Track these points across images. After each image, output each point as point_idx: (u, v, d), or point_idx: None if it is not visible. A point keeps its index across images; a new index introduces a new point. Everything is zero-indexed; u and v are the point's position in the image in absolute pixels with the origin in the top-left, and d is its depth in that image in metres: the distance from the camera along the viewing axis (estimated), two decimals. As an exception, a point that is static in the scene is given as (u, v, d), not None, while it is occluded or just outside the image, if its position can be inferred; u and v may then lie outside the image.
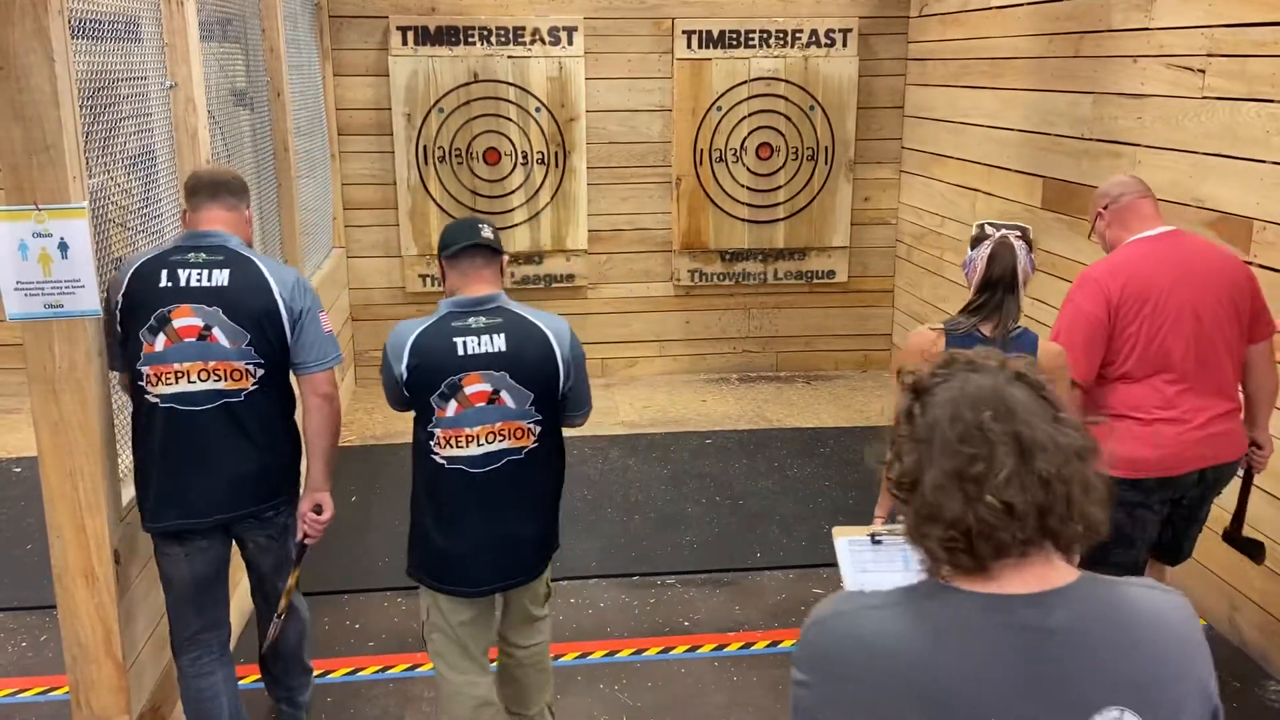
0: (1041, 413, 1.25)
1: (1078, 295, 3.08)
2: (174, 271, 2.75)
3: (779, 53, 6.70)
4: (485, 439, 2.68)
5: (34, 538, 4.59)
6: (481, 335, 2.65)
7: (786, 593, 4.31)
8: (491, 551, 2.75)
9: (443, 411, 2.66)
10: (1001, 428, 1.23)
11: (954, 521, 1.23)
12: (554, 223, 6.78)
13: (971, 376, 1.29)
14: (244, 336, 2.77)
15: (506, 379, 2.66)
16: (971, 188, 5.95)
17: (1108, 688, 1.20)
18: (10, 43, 2.46)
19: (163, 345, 2.72)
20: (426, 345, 2.66)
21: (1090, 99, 4.74)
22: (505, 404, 2.67)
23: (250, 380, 2.80)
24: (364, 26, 6.46)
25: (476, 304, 2.70)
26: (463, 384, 2.64)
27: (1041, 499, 1.22)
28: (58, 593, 2.80)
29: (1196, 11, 4.00)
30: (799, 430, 6.13)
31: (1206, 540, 3.93)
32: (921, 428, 1.29)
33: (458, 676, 2.83)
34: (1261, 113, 3.66)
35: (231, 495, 2.84)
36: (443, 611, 2.80)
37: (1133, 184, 3.19)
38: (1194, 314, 3.01)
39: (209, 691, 2.95)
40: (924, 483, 1.26)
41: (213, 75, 4.00)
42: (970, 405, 1.26)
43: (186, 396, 2.75)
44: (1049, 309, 5.01)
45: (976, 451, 1.23)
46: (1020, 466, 1.21)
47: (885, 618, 1.27)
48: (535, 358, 2.69)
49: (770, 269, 7.06)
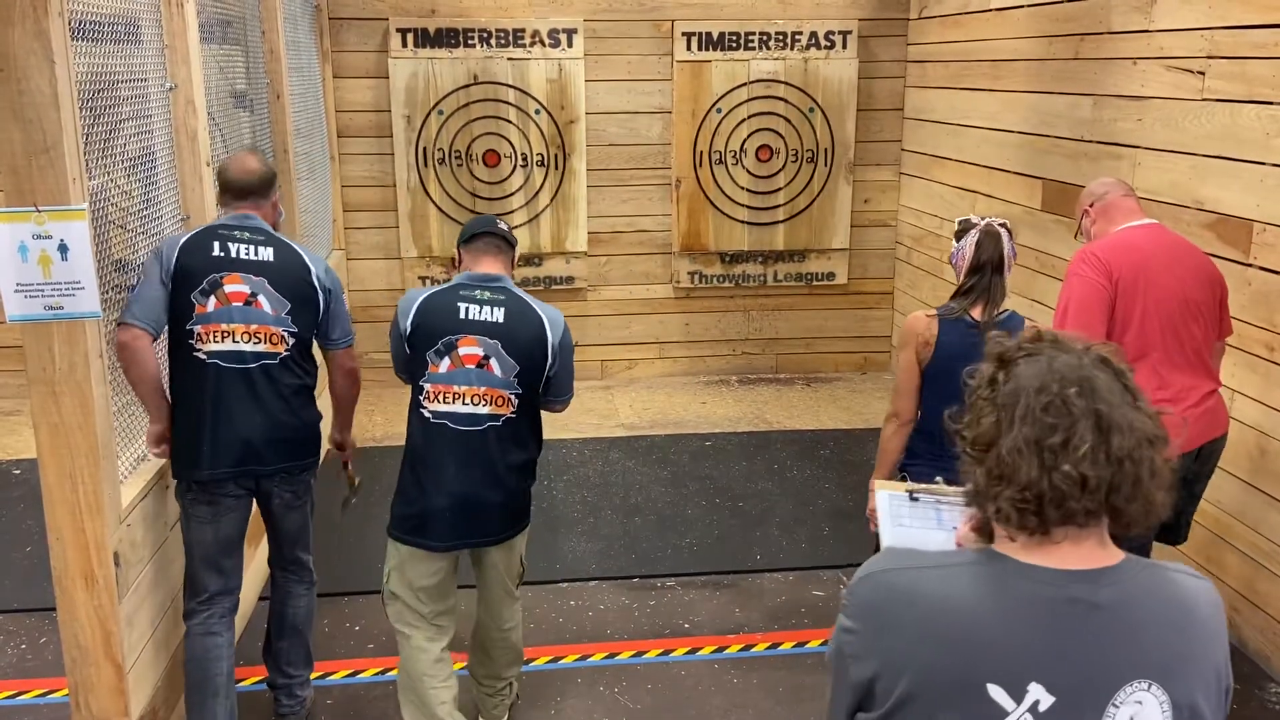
0: (1121, 396, 1.31)
1: (1082, 269, 3.18)
2: (225, 244, 3.06)
3: (779, 55, 6.71)
4: (470, 400, 2.93)
5: (33, 540, 4.58)
6: (484, 305, 2.93)
7: (786, 595, 4.30)
8: (461, 510, 2.95)
9: (436, 367, 2.92)
10: (1084, 404, 1.29)
11: (1028, 484, 1.29)
12: (554, 225, 6.78)
13: (1059, 355, 1.35)
14: (284, 305, 3.09)
15: (498, 348, 2.92)
16: (971, 190, 5.95)
17: (1140, 663, 1.28)
18: (10, 44, 2.46)
19: (213, 306, 3.02)
20: (432, 305, 2.95)
21: (1090, 101, 4.74)
22: (493, 371, 2.92)
23: (285, 346, 3.11)
24: (364, 29, 6.46)
25: (485, 280, 2.99)
26: (458, 344, 2.91)
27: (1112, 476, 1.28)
28: (57, 595, 2.80)
29: (1196, 14, 4.00)
30: (799, 432, 6.13)
31: (1207, 544, 3.93)
32: (1005, 394, 1.34)
33: (414, 634, 3.04)
34: (1261, 115, 3.66)
35: (270, 450, 3.10)
36: (405, 575, 3.01)
37: (1115, 184, 3.40)
38: (1181, 299, 3.17)
39: (214, 651, 3.11)
40: (1001, 445, 1.32)
41: (213, 77, 3.99)
42: (1057, 379, 1.31)
43: (233, 354, 3.04)
44: (1047, 310, 5.01)
45: (1058, 422, 1.29)
46: (1098, 442, 1.28)
47: (940, 577, 1.34)
48: (527, 336, 2.94)
49: (770, 271, 7.06)
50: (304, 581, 3.42)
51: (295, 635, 3.41)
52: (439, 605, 3.07)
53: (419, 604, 3.03)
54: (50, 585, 2.82)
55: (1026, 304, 5.17)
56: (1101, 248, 3.22)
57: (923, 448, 3.15)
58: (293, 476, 3.21)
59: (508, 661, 3.33)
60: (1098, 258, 3.17)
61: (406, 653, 3.08)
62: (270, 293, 3.07)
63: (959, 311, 3.04)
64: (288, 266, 3.12)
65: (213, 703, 3.09)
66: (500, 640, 3.27)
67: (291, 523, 3.30)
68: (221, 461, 3.06)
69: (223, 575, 3.15)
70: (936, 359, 3.05)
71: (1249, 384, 3.74)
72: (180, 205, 3.64)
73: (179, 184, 3.63)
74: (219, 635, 3.12)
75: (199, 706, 3.10)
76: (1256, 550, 3.72)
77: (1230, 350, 3.78)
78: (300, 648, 3.43)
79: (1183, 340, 3.18)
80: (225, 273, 3.02)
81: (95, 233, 2.77)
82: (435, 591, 3.04)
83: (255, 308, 3.05)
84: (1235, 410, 3.75)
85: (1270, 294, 3.63)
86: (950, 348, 3.02)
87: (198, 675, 3.10)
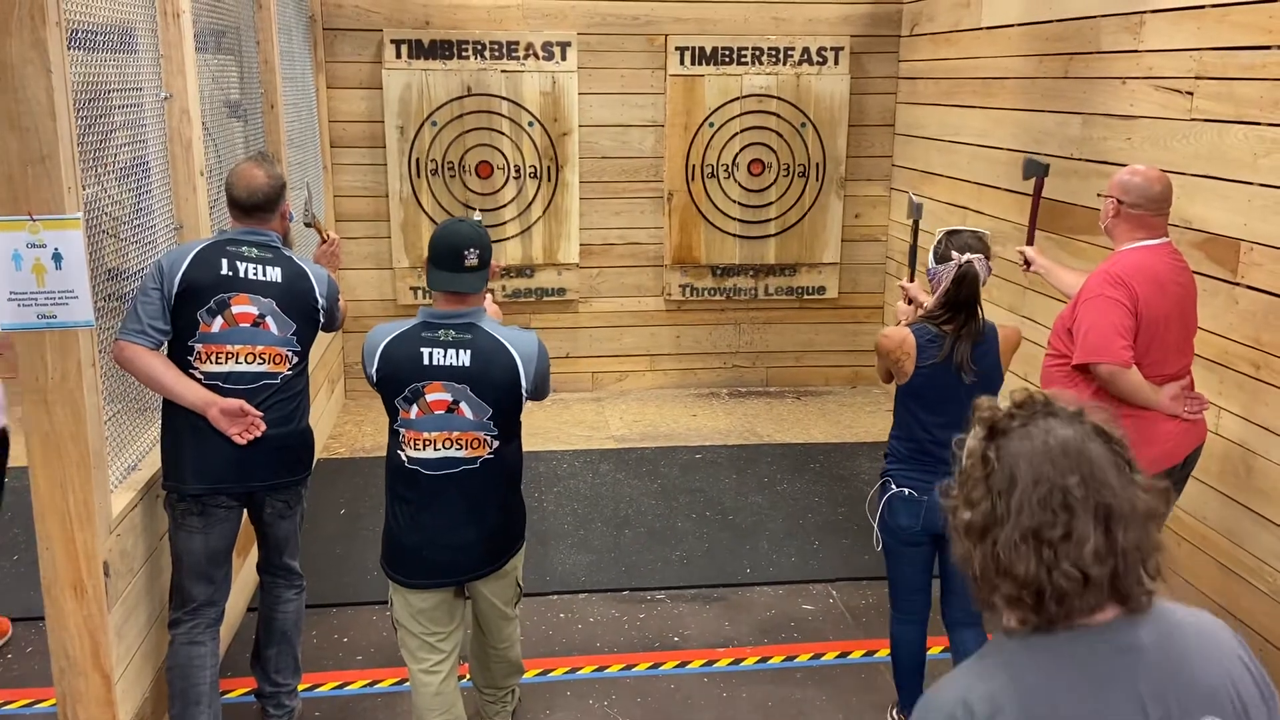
0: (1119, 474, 1.25)
1: (1110, 290, 3.23)
2: (233, 262, 3.07)
3: (771, 70, 6.74)
4: (442, 445, 2.84)
5: (20, 549, 4.56)
6: (448, 349, 2.80)
7: (776, 608, 4.31)
8: (441, 550, 2.92)
9: (406, 414, 2.85)
10: (1085, 494, 1.23)
11: (1026, 580, 1.23)
12: (546, 236, 6.80)
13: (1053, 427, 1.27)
14: (290, 326, 3.12)
15: (467, 392, 2.81)
16: (962, 206, 5.99)
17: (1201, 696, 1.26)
18: (7, 53, 2.46)
19: (219, 327, 3.03)
20: (395, 352, 2.83)
21: (1079, 119, 4.78)
22: (464, 414, 2.83)
23: (288, 365, 3.14)
24: (358, 39, 6.47)
25: (449, 318, 2.84)
26: (425, 391, 2.81)
27: (1115, 567, 1.23)
28: (46, 604, 2.79)
29: (1185, 35, 4.04)
30: (789, 446, 6.14)
31: (1201, 565, 3.95)
32: (999, 479, 1.27)
33: (415, 666, 3.04)
34: (1249, 135, 3.70)
35: (267, 465, 3.11)
36: (405, 601, 2.99)
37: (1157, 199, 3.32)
38: (1180, 318, 3.30)
39: (198, 660, 3.11)
40: (997, 536, 1.25)
41: (207, 87, 4.00)
42: (1054, 465, 1.24)
43: (233, 375, 3.05)
44: (1042, 329, 5.04)
45: (1057, 517, 1.23)
46: (1102, 539, 1.22)
47: (983, 674, 1.28)
48: (496, 376, 2.81)
49: (761, 284, 7.08)
50: (293, 586, 3.43)
51: (284, 641, 3.41)
52: (441, 629, 3.02)
53: (421, 628, 3.00)
54: (37, 594, 2.81)
55: (1017, 320, 5.19)
56: (1127, 272, 3.23)
57: (905, 453, 3.23)
58: (288, 489, 3.23)
59: (506, 674, 3.35)
60: (1124, 283, 3.21)
61: (411, 682, 3.09)
62: (278, 314, 3.09)
63: (933, 335, 3.13)
64: (295, 288, 3.13)
65: (194, 710, 3.08)
66: (497, 657, 3.28)
67: (282, 531, 3.31)
68: (215, 476, 3.05)
69: (211, 585, 3.15)
70: (919, 371, 3.12)
71: (1235, 401, 3.77)
72: (174, 214, 3.65)
73: (173, 193, 3.63)
74: (203, 645, 3.12)
75: (181, 715, 3.09)
76: (1240, 565, 3.74)
77: (1217, 368, 3.82)
78: (289, 655, 3.42)
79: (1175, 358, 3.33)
80: (234, 293, 3.03)
81: (89, 242, 2.76)
82: (435, 615, 3.00)
83: (263, 329, 3.07)
84: (1221, 427, 3.78)
85: (1257, 313, 3.66)
86: (930, 361, 3.12)
87: (181, 684, 3.09)
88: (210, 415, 3.00)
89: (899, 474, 3.23)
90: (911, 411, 3.19)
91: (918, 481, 3.19)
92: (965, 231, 3.19)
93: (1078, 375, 3.30)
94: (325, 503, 5.14)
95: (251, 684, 3.50)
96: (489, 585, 3.05)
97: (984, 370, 3.13)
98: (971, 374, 3.10)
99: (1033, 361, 4.69)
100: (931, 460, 3.17)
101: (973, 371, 3.10)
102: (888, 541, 3.28)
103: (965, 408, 3.11)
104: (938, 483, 3.09)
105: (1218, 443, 3.75)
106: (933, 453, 3.17)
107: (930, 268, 3.17)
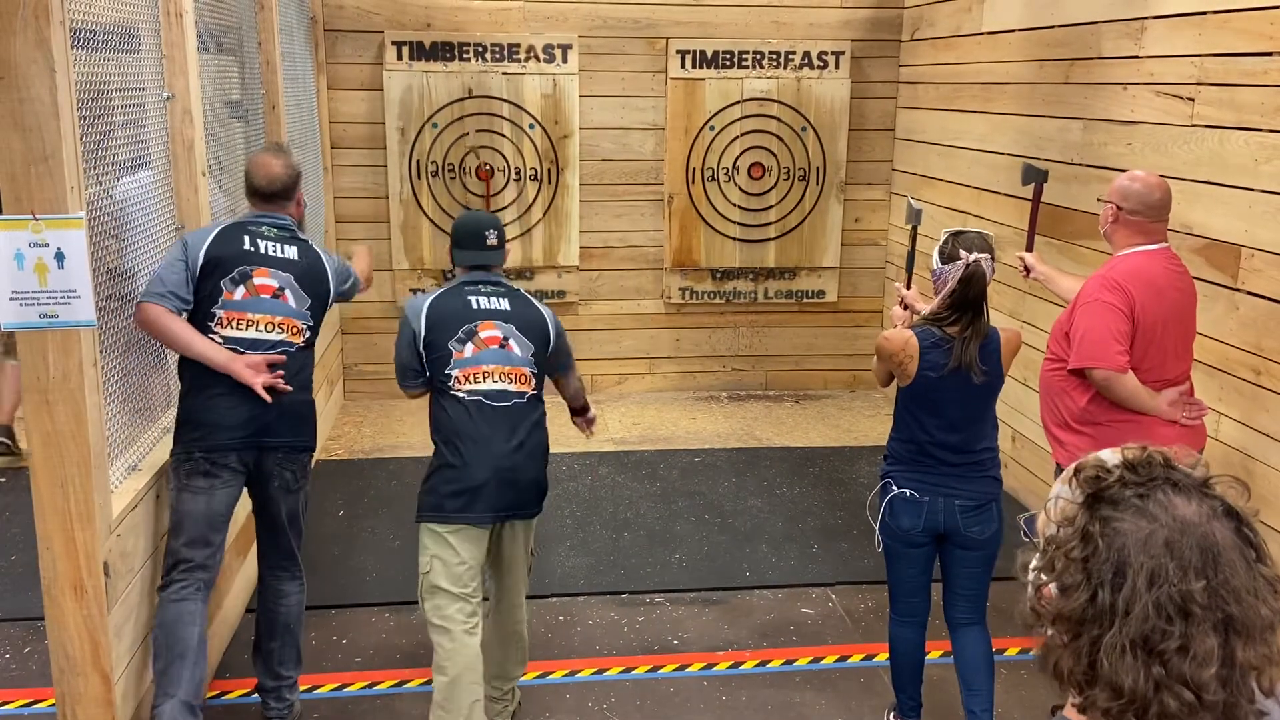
0: (1246, 568, 1.06)
1: (1107, 295, 3.23)
2: (254, 240, 3.26)
3: (772, 74, 6.75)
4: (499, 377, 3.15)
5: (18, 549, 4.55)
6: (490, 296, 3.23)
7: (775, 612, 4.30)
8: (505, 481, 3.10)
9: (461, 354, 3.13)
10: (1211, 603, 1.04)
11: (1132, 696, 1.05)
12: (546, 238, 6.80)
13: (1175, 504, 1.07)
14: (306, 301, 3.31)
15: (514, 330, 3.19)
16: (962, 210, 5.99)
17: None
18: (11, 52, 2.46)
19: (241, 296, 3.19)
20: (443, 304, 3.20)
21: (1080, 125, 4.79)
22: (513, 350, 3.18)
23: (303, 338, 3.31)
24: (359, 41, 6.48)
25: (484, 278, 3.28)
26: (479, 329, 3.15)
27: (1236, 690, 1.05)
28: (46, 605, 2.78)
29: (1186, 41, 4.05)
30: (788, 449, 6.14)
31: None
32: (1103, 565, 1.07)
33: (455, 627, 3.09)
34: (1250, 141, 3.71)
35: (281, 423, 3.23)
36: (445, 561, 3.08)
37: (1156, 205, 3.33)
38: (1179, 324, 3.30)
39: (187, 616, 3.09)
40: (1097, 636, 1.06)
41: (208, 87, 4.00)
42: (1177, 562, 1.04)
43: (255, 343, 3.20)
44: (1041, 333, 5.05)
45: (1174, 627, 1.04)
46: (1223, 656, 1.04)
47: None
48: (532, 319, 3.25)
49: (761, 288, 7.08)
50: (295, 578, 3.44)
51: (287, 634, 3.41)
52: (475, 582, 3.14)
53: (460, 586, 3.08)
54: (36, 594, 2.81)
55: (1017, 324, 5.19)
56: (1124, 277, 3.24)
57: (906, 455, 3.24)
58: (294, 454, 3.31)
59: (519, 658, 3.42)
60: (1121, 288, 3.21)
61: (447, 650, 3.09)
62: (296, 289, 3.28)
63: (937, 339, 3.12)
64: (311, 267, 3.34)
65: (179, 665, 3.01)
66: (511, 623, 3.36)
67: (289, 506, 3.34)
68: (230, 431, 3.15)
69: (208, 548, 3.17)
70: (922, 374, 3.12)
71: (1235, 407, 3.77)
72: (175, 214, 3.65)
73: (174, 193, 3.63)
74: (192, 602, 3.12)
75: (165, 671, 3.03)
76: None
77: (1217, 374, 3.83)
78: (291, 646, 3.43)
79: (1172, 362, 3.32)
80: (256, 265, 3.22)
81: (90, 241, 2.76)
82: (472, 568, 3.12)
83: (282, 300, 3.26)
84: (1221, 433, 3.78)
85: (1257, 319, 3.67)
86: (933, 365, 3.12)
87: (166, 639, 3.04)
88: (234, 369, 3.12)
89: (900, 475, 3.23)
90: (912, 413, 3.20)
91: (918, 483, 3.19)
92: (970, 231, 3.20)
93: (1075, 380, 3.31)
94: (324, 504, 5.14)
95: (252, 684, 3.50)
96: (525, 529, 3.27)
97: (989, 371, 3.14)
98: (980, 374, 3.10)
99: (1032, 365, 4.70)
100: (932, 461, 3.18)
101: (981, 371, 3.10)
102: (888, 543, 3.29)
103: (966, 409, 3.16)
104: (938, 484, 3.14)
105: (1217, 448, 3.76)
106: (933, 454, 3.18)
107: (935, 268, 3.17)
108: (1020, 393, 5.23)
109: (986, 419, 3.23)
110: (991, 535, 3.22)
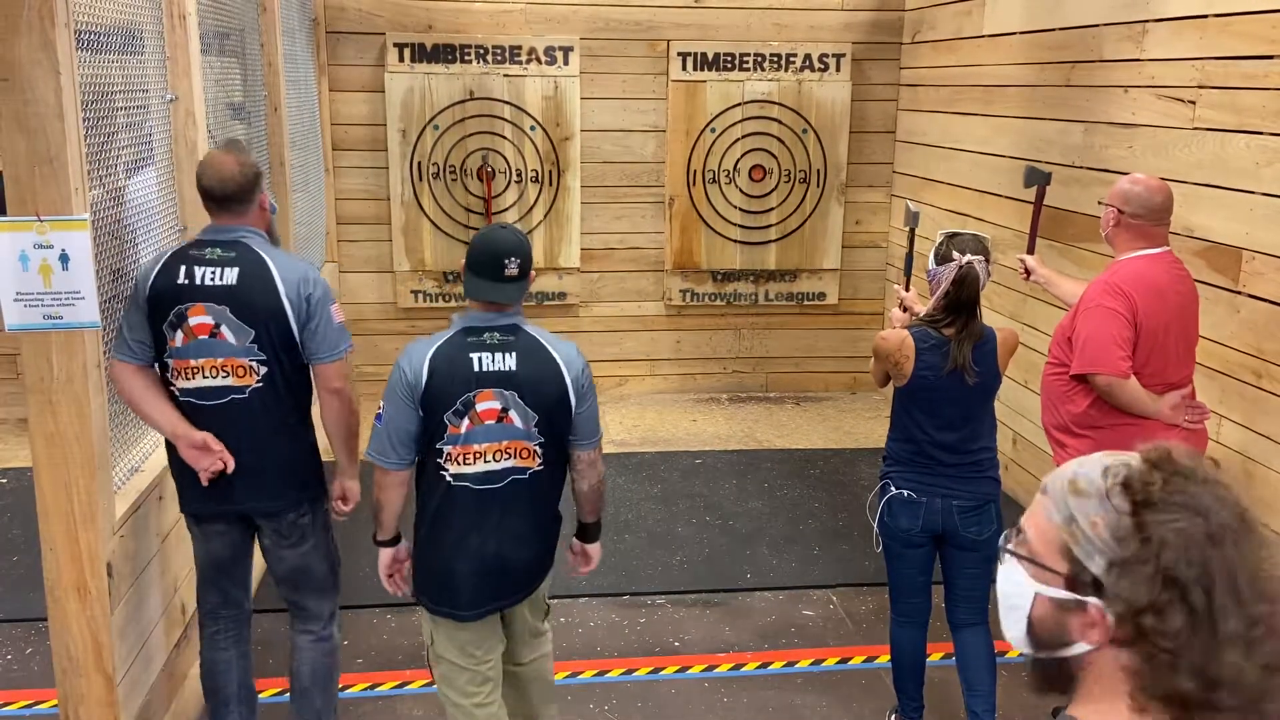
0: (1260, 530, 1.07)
1: (1109, 300, 3.23)
2: (190, 268, 2.85)
3: (773, 76, 6.76)
4: (492, 456, 2.70)
5: (20, 550, 4.55)
6: (495, 352, 2.68)
7: (776, 614, 4.31)
8: (488, 574, 2.75)
9: (456, 429, 2.67)
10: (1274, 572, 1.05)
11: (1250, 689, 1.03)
12: (547, 240, 6.80)
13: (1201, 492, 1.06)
14: (248, 334, 2.86)
15: (515, 399, 2.68)
16: (962, 213, 6.00)
17: None
18: (16, 54, 2.47)
19: (181, 341, 2.86)
20: (444, 362, 2.67)
21: (1081, 128, 4.79)
22: (513, 423, 2.69)
23: (255, 377, 2.90)
24: (361, 43, 6.48)
25: (491, 321, 2.72)
26: (476, 400, 2.66)
27: None
28: (49, 605, 2.78)
29: (1188, 44, 4.06)
30: (789, 451, 6.15)
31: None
32: (1187, 567, 1.04)
33: (466, 701, 2.83)
34: (1251, 144, 3.71)
35: (246, 489, 2.95)
36: (445, 636, 2.81)
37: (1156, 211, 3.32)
38: (1181, 327, 3.30)
39: (223, 665, 3.13)
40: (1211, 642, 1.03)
41: (210, 89, 4.00)
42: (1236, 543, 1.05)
43: (203, 391, 2.89)
44: (1042, 336, 5.05)
45: (1260, 609, 1.04)
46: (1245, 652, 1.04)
47: None
48: (544, 381, 2.70)
49: (761, 290, 7.09)
50: (309, 633, 3.14)
51: (303, 698, 3.14)
52: (490, 655, 2.85)
53: (470, 660, 2.81)
54: (38, 595, 2.81)
55: (1017, 327, 5.20)
56: (1126, 281, 3.24)
57: (904, 455, 3.26)
58: (274, 516, 3.01)
59: (544, 698, 3.09)
60: (1124, 293, 3.21)
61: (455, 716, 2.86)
62: (232, 321, 2.84)
63: (935, 341, 3.15)
64: (253, 289, 2.85)
65: (224, 711, 3.13)
66: (528, 672, 3.04)
67: (286, 563, 3.08)
68: (199, 496, 2.95)
69: (220, 592, 3.10)
70: (918, 374, 3.14)
71: (1236, 410, 3.78)
72: (178, 216, 3.65)
73: (177, 195, 3.64)
74: (225, 650, 3.11)
75: (213, 712, 3.17)
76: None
77: (1218, 376, 3.83)
78: (309, 711, 3.15)
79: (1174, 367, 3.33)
80: (189, 304, 2.82)
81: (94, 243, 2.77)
82: (482, 642, 2.83)
83: (219, 340, 2.84)
84: (1223, 436, 3.79)
85: (1259, 322, 3.67)
86: (930, 365, 3.14)
87: (210, 684, 3.16)
88: (180, 451, 2.88)
89: (898, 476, 3.24)
90: (909, 413, 3.22)
91: (916, 483, 3.20)
92: (965, 233, 3.22)
93: (1077, 384, 3.31)
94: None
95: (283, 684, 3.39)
96: (527, 604, 2.92)
97: (984, 372, 3.15)
98: (974, 375, 3.12)
99: (1033, 368, 4.70)
100: (930, 462, 3.19)
101: (974, 373, 3.12)
102: (888, 543, 3.30)
103: (962, 409, 3.16)
104: (935, 485, 3.15)
105: (1219, 451, 3.76)
106: (930, 454, 3.19)
107: (930, 269, 3.19)
108: (1020, 395, 5.23)
109: (984, 419, 3.25)
110: (990, 536, 3.22)
